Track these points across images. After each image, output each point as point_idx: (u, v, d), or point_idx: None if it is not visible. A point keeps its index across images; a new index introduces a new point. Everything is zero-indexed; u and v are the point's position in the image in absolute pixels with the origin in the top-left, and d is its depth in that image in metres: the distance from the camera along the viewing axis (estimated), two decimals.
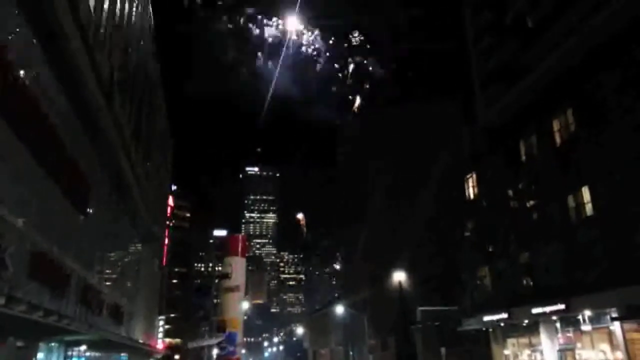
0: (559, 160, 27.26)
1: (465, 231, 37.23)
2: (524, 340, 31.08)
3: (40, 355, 18.32)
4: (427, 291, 39.22)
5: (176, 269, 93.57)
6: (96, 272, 23.34)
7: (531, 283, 29.50)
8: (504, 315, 29.90)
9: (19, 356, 15.51)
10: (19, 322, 12.48)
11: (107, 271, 27.56)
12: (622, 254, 22.15)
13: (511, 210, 31.48)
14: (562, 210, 26.69)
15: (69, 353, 22.11)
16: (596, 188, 24.74)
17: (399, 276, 38.67)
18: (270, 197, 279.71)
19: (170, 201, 72.76)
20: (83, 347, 23.78)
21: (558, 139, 27.77)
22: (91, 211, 20.58)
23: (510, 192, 32.09)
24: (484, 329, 33.24)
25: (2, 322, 11.93)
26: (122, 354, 33.96)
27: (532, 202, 30.01)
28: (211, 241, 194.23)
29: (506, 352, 32.69)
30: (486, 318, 31.70)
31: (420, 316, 39.98)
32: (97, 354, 26.82)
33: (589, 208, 25.37)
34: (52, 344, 19.80)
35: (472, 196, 36.87)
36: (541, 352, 28.71)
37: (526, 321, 28.97)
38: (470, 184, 37.13)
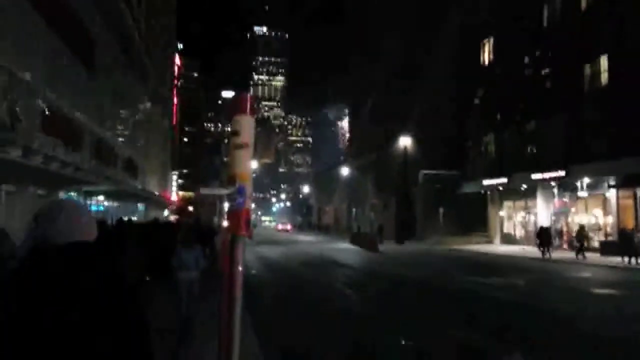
0: (581, 26, 25.89)
1: (476, 98, 36.81)
2: (520, 203, 32.54)
3: None
4: (431, 156, 39.98)
5: (186, 128, 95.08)
6: (108, 129, 23.84)
7: (534, 151, 29.95)
8: (504, 180, 30.88)
9: (39, 203, 16.56)
10: (37, 172, 13.12)
11: (119, 128, 28.12)
12: (629, 125, 22.11)
13: (524, 78, 30.75)
14: (577, 79, 26.08)
15: (88, 202, 23.55)
16: (615, 57, 23.94)
17: (405, 141, 39.33)
18: (279, 60, 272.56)
19: (177, 60, 71.37)
20: (101, 197, 25.27)
21: (584, 4, 26.15)
22: (98, 67, 20.39)
23: (527, 59, 31.06)
24: (482, 192, 34.59)
25: (22, 172, 12.54)
26: (139, 204, 35.95)
27: (547, 70, 29.19)
28: (219, 102, 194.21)
29: (502, 213, 34.42)
30: (486, 182, 32.79)
31: (422, 179, 41.36)
32: (115, 204, 28.46)
33: (604, 77, 24.80)
34: (72, 194, 21.01)
35: (486, 62, 35.81)
36: (535, 215, 30.25)
37: (524, 186, 30.00)
38: (487, 49, 35.81)
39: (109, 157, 21.12)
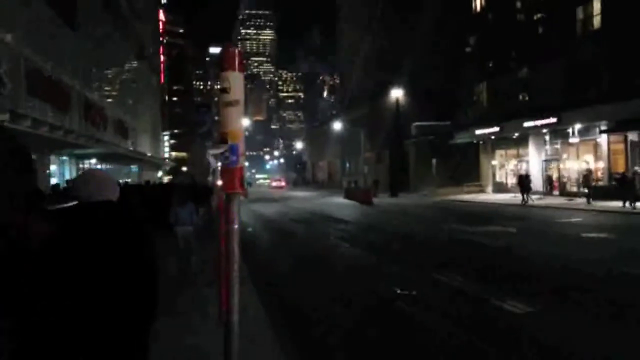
0: None
1: (467, 47, 36.32)
2: (512, 152, 32.74)
3: (53, 167, 19.48)
4: (423, 107, 39.80)
5: (175, 87, 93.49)
6: (95, 89, 23.44)
7: (527, 99, 29.87)
8: (496, 129, 30.93)
9: None
10: (26, 137, 12.99)
11: (107, 88, 27.66)
12: (621, 70, 22.01)
13: (517, 24, 30.27)
14: (569, 24, 25.75)
15: (81, 165, 23.45)
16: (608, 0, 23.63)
17: (397, 93, 39.01)
18: (267, 12, 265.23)
19: (162, 15, 69.37)
20: (93, 160, 25.14)
21: None
22: (81, 25, 19.83)
23: (519, 4, 30.51)
24: (474, 141, 34.68)
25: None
26: (132, 166, 35.84)
27: (539, 15, 28.71)
28: (207, 59, 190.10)
29: (494, 162, 34.67)
30: (478, 132, 32.83)
31: (414, 131, 41.33)
32: (108, 166, 28.35)
33: (596, 21, 24.51)
34: (64, 158, 20.90)
35: (478, 9, 35.12)
36: (527, 162, 30.50)
37: (516, 134, 30.09)
38: None
39: (99, 119, 20.89)
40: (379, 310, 6.62)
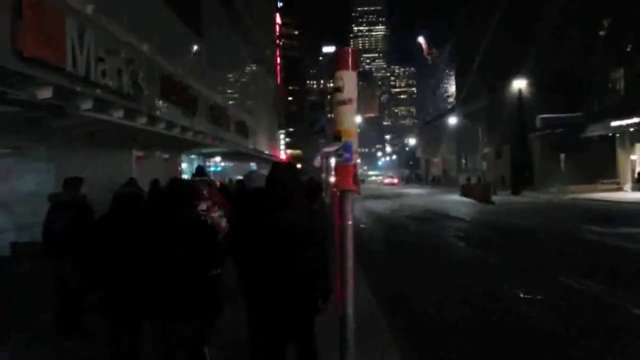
0: None
1: (600, 29, 32.90)
2: None
3: (184, 165, 21.23)
4: (549, 98, 36.80)
5: (290, 87, 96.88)
6: (219, 92, 25.08)
7: None
8: (636, 120, 27.68)
9: (166, 166, 18.09)
10: (161, 138, 14.27)
11: (229, 91, 29.47)
12: None
13: None
14: None
15: (207, 163, 25.31)
16: None
17: (519, 84, 36.59)
18: (379, 8, 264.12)
19: (277, 18, 72.32)
20: (218, 158, 27.00)
21: None
22: (205, 33, 21.33)
23: None
24: (610, 134, 31.40)
25: (147, 138, 13.70)
26: (251, 163, 37.89)
27: None
28: (320, 58, 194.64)
29: (633, 157, 31.11)
30: (614, 123, 29.63)
31: (540, 124, 38.43)
32: (230, 164, 30.26)
33: None
34: (192, 156, 22.68)
35: None
36: None
37: None
38: None
39: (223, 120, 22.32)
40: (499, 313, 6.24)
